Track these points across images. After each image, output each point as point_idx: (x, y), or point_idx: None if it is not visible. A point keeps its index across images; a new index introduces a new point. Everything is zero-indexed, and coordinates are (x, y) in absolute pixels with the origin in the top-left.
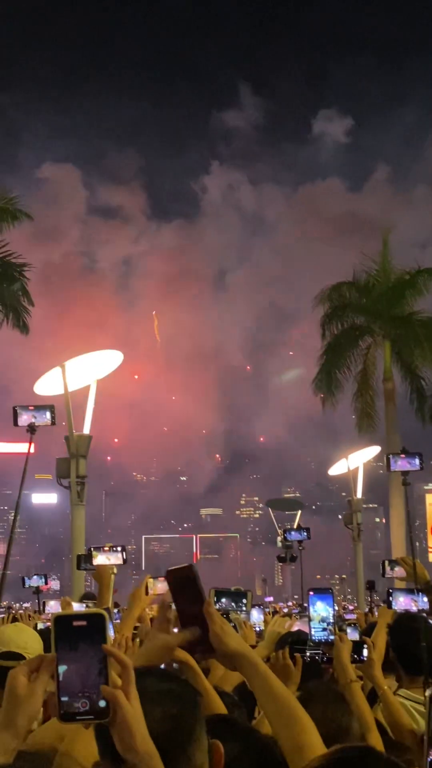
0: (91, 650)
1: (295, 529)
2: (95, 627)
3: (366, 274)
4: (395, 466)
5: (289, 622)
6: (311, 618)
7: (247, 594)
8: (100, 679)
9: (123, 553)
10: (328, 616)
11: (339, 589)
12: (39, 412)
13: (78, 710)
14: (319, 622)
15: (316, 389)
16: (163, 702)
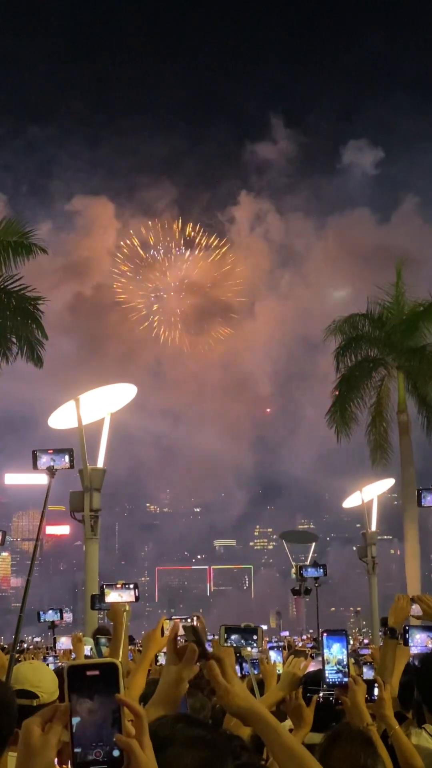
0: (104, 700)
1: (311, 566)
2: (108, 676)
3: (379, 306)
4: (426, 502)
5: (305, 663)
6: (326, 660)
7: (257, 630)
8: (114, 729)
9: (135, 590)
10: (342, 659)
11: (354, 622)
12: (58, 456)
13: (92, 760)
14: (335, 664)
15: (330, 421)
16: (194, 747)
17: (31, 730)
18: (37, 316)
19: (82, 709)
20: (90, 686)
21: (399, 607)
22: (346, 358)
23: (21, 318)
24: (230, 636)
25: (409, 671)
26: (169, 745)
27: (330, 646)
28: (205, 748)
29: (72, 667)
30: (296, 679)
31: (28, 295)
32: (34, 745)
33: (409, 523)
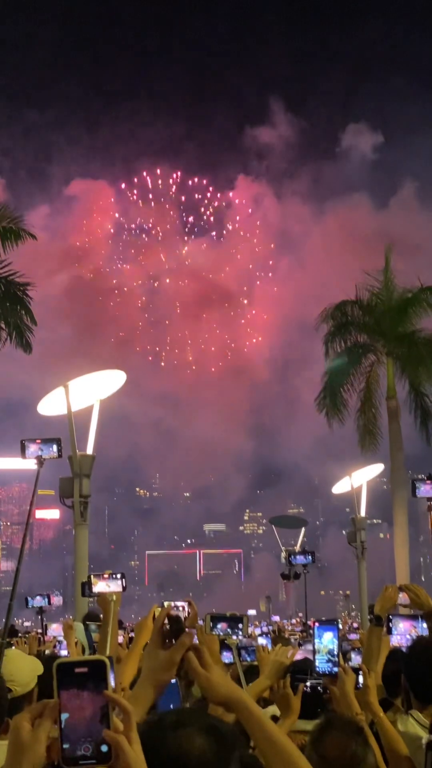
0: (93, 696)
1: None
2: (97, 673)
3: (369, 293)
4: (420, 492)
5: (292, 651)
6: (317, 650)
7: (243, 619)
8: (102, 725)
9: (123, 580)
10: (333, 649)
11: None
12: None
13: (81, 755)
14: (325, 654)
15: (320, 407)
16: (207, 732)
17: (20, 725)
18: (26, 302)
19: (71, 705)
20: (79, 683)
21: (386, 595)
22: (336, 344)
23: (10, 304)
24: (216, 624)
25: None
26: (182, 726)
27: (321, 636)
28: (216, 735)
29: (61, 663)
30: (283, 668)
31: (17, 281)
32: (23, 740)
33: (398, 508)
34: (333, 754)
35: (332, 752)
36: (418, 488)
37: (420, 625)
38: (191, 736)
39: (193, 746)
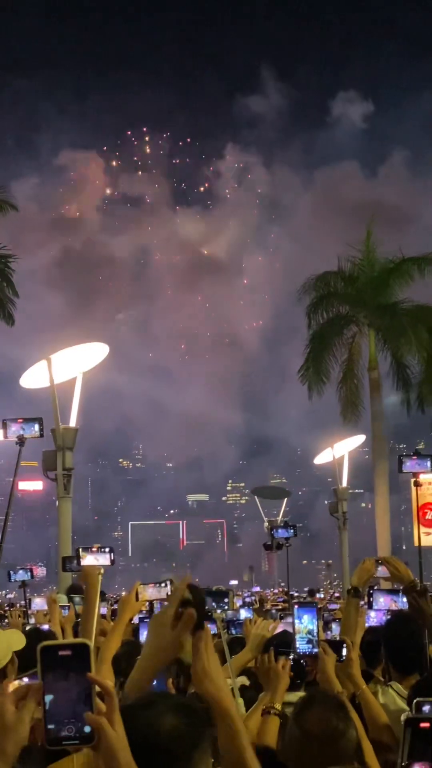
0: (76, 678)
1: (281, 526)
2: (80, 656)
3: (351, 264)
4: (406, 467)
5: (273, 624)
6: (297, 631)
7: (228, 593)
8: (86, 706)
9: (111, 554)
10: (313, 629)
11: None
12: (27, 425)
13: (65, 736)
14: (305, 634)
15: (303, 378)
16: (177, 710)
17: (5, 707)
18: (7, 274)
19: (55, 687)
20: (62, 665)
21: (363, 567)
22: (318, 315)
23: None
24: None
25: (377, 630)
26: (152, 705)
27: (300, 617)
28: (187, 713)
29: (44, 646)
30: (264, 641)
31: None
32: (7, 722)
33: (379, 478)
34: (315, 729)
35: (314, 727)
36: (404, 464)
37: (400, 599)
38: (161, 714)
39: (164, 724)
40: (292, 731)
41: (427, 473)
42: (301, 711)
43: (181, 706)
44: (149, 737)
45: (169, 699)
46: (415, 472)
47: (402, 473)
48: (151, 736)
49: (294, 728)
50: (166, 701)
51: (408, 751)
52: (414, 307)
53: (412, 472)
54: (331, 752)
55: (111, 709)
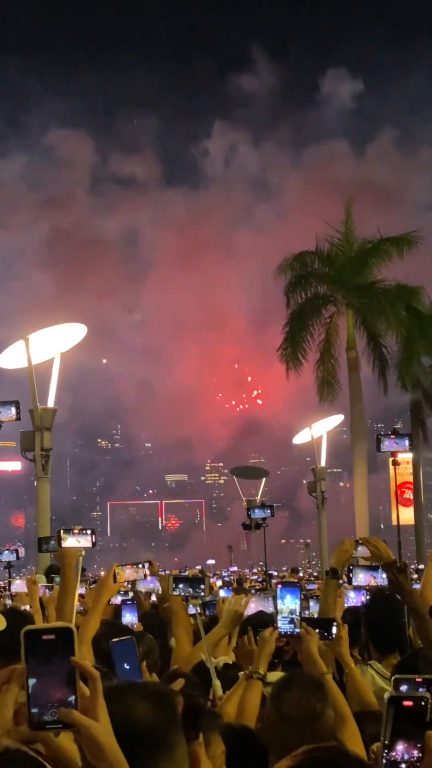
0: (59, 662)
1: (259, 507)
2: (64, 640)
3: (329, 243)
4: (384, 447)
5: (246, 599)
6: (279, 611)
7: (204, 579)
8: (69, 690)
9: (93, 536)
10: (295, 609)
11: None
12: (4, 408)
13: (48, 720)
14: (288, 614)
15: (281, 358)
16: (147, 698)
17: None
18: None
19: (38, 671)
20: (46, 649)
21: (342, 549)
22: (297, 295)
23: None
24: (178, 585)
25: (356, 610)
26: (123, 696)
27: (283, 597)
28: (159, 700)
29: (28, 631)
30: (237, 616)
31: None
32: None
33: (358, 458)
34: (292, 711)
35: (292, 709)
36: (382, 443)
37: (379, 575)
38: (134, 704)
39: (137, 714)
40: (270, 713)
41: (405, 452)
42: (279, 693)
43: (152, 694)
44: (125, 728)
45: (138, 688)
46: (393, 451)
47: (380, 452)
48: (127, 727)
49: (271, 710)
50: (136, 691)
51: (391, 729)
52: (392, 287)
53: (390, 451)
54: (309, 733)
55: (95, 693)
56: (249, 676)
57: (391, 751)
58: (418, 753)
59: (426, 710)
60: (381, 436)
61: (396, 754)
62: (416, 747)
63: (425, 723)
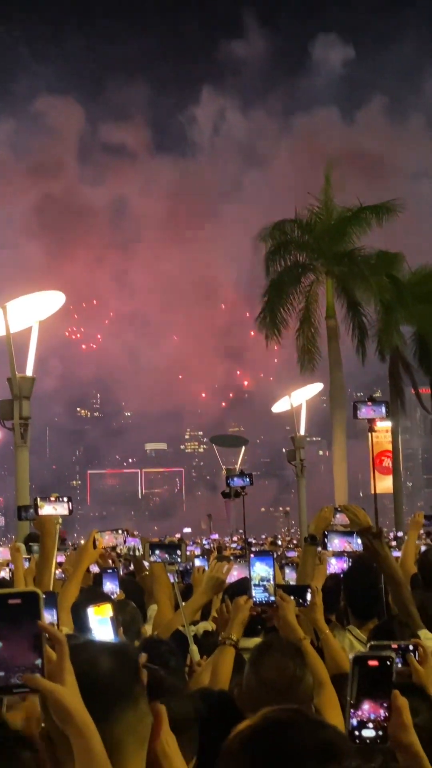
0: (26, 627)
1: (237, 475)
2: (30, 604)
3: (308, 211)
4: (361, 414)
5: (227, 566)
6: (251, 579)
7: (180, 545)
8: (35, 654)
9: (69, 503)
10: (267, 576)
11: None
12: None
13: (15, 684)
14: (260, 581)
15: (260, 326)
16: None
17: None
18: None
19: (5, 635)
20: (12, 613)
21: (321, 516)
22: (276, 264)
23: None
24: (154, 551)
25: (336, 577)
26: (85, 650)
27: (254, 565)
28: (120, 655)
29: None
30: (219, 583)
31: None
32: None
33: (336, 427)
34: (272, 676)
35: (271, 674)
36: (359, 410)
37: (354, 540)
38: (96, 657)
39: (100, 666)
40: (249, 678)
41: (383, 420)
42: (258, 657)
43: (113, 648)
44: (88, 681)
45: (99, 644)
46: (371, 419)
47: (358, 420)
48: (92, 676)
49: (251, 675)
50: (97, 645)
51: (357, 688)
52: (371, 255)
53: (367, 419)
54: (288, 698)
55: (61, 657)
56: (222, 642)
57: (357, 710)
58: (384, 712)
59: (391, 670)
60: (358, 403)
61: (362, 713)
62: (382, 706)
63: (391, 682)
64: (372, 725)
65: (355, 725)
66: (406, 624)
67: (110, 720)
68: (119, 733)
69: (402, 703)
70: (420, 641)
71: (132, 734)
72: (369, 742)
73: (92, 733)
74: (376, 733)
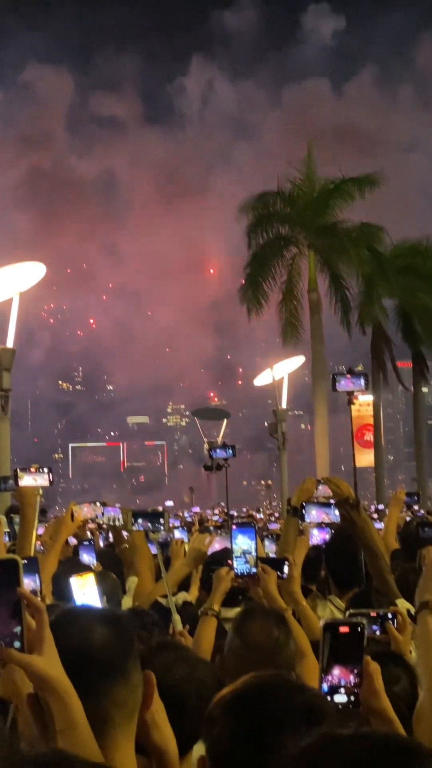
0: (5, 594)
1: (220, 447)
2: (9, 572)
3: (291, 184)
4: (340, 386)
5: (209, 538)
6: (233, 552)
7: (163, 514)
8: (15, 622)
9: (50, 474)
10: (248, 549)
11: (264, 495)
12: None
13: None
14: (241, 554)
15: (243, 299)
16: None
17: None
18: None
19: None
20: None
21: (304, 488)
22: (258, 236)
23: None
24: (137, 520)
25: (317, 547)
26: (80, 618)
27: (236, 537)
28: (116, 623)
29: None
30: (201, 555)
31: None
32: None
33: (318, 400)
34: (257, 639)
35: (256, 637)
36: (338, 382)
37: (332, 512)
38: (91, 626)
39: (95, 635)
40: (233, 642)
41: (363, 393)
42: (242, 622)
43: (109, 618)
44: (82, 649)
45: (95, 612)
46: (350, 391)
47: (336, 392)
48: (85, 648)
49: (235, 639)
50: (92, 613)
51: (328, 654)
52: (354, 228)
53: (345, 391)
54: (272, 663)
55: (41, 625)
56: (204, 613)
57: (327, 676)
58: (355, 678)
59: (363, 636)
60: (337, 376)
61: (332, 679)
62: (353, 672)
63: (362, 649)
64: (344, 691)
65: (327, 691)
66: (384, 593)
67: (99, 695)
68: (107, 709)
69: (374, 668)
70: (398, 609)
71: (121, 709)
72: (341, 708)
73: (73, 701)
74: (348, 699)
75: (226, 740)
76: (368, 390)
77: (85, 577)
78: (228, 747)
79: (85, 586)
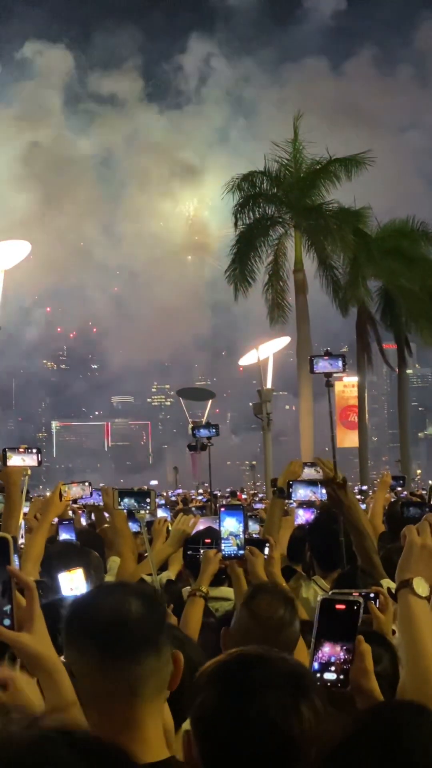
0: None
1: (204, 426)
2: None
3: (277, 164)
4: (318, 368)
5: (193, 520)
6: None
7: (150, 493)
8: (4, 600)
9: (38, 455)
10: (236, 531)
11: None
12: None
13: None
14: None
15: (229, 279)
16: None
17: None
18: None
19: None
20: None
21: (290, 470)
22: (245, 216)
23: None
24: (123, 499)
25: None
26: (118, 590)
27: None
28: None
29: None
30: (185, 536)
31: None
32: None
33: (303, 381)
34: (264, 613)
35: (264, 611)
36: (315, 364)
37: (319, 490)
38: (127, 598)
39: (131, 608)
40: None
41: (341, 373)
42: (253, 595)
43: (143, 593)
44: (119, 619)
45: (130, 586)
46: (327, 373)
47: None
48: (121, 618)
49: (244, 613)
50: (129, 587)
51: (321, 630)
52: (340, 209)
53: (323, 373)
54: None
55: (31, 602)
56: (192, 594)
57: (318, 653)
58: (345, 655)
59: (358, 615)
60: (314, 357)
61: (322, 655)
62: (344, 650)
63: (356, 628)
64: (333, 668)
65: (317, 668)
66: (370, 573)
67: (132, 664)
68: (143, 673)
69: (365, 648)
70: (381, 589)
71: (155, 677)
72: (330, 685)
73: (62, 678)
74: (338, 677)
75: (210, 707)
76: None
77: (73, 572)
78: (211, 714)
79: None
